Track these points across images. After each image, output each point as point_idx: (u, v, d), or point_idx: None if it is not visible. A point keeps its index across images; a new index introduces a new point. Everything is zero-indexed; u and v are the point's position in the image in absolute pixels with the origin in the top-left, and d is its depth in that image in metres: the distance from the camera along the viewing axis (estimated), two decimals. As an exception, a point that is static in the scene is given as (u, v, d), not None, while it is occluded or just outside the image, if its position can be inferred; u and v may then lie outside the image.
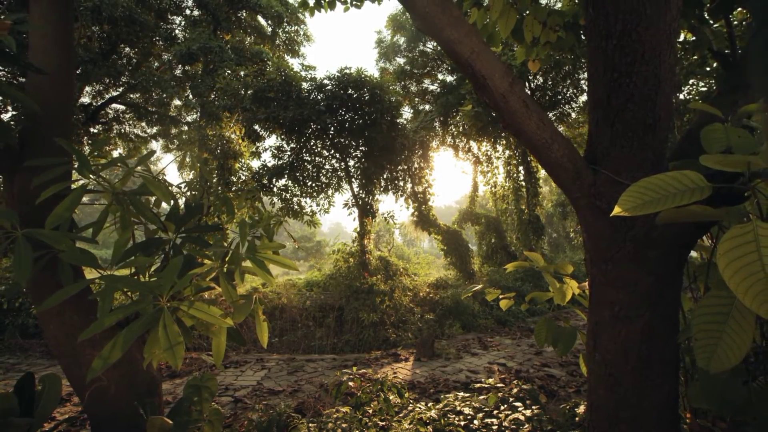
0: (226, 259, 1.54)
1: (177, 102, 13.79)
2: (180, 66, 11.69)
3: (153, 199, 1.85)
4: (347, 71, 9.52)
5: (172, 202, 1.60)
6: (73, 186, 1.50)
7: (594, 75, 1.55)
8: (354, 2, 4.89)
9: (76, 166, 1.42)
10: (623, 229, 1.64)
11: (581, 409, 2.32)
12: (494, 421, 2.13)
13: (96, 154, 1.37)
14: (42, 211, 1.51)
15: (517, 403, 2.28)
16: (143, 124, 14.84)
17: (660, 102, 1.46)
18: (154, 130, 15.19)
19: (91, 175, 1.24)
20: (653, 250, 1.62)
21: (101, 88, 12.42)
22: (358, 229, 10.27)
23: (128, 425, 1.56)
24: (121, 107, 14.01)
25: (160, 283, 1.02)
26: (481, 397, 2.52)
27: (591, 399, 1.85)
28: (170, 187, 1.89)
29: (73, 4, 1.76)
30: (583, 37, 3.09)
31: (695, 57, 3.73)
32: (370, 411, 2.21)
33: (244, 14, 12.85)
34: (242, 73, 10.28)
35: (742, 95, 1.82)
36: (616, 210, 1.21)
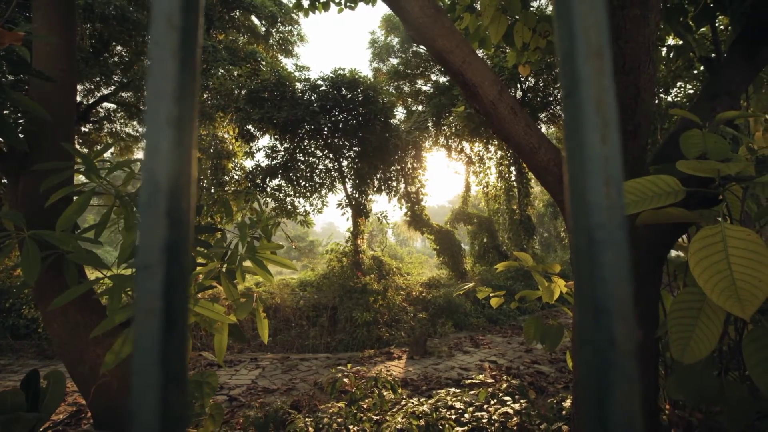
0: (225, 259, 1.59)
1: (169, 101, 13.69)
2: (172, 65, 11.60)
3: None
4: (341, 72, 9.57)
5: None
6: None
7: (578, 84, 1.63)
8: (348, 3, 4.94)
9: (77, 168, 1.47)
10: (606, 230, 1.72)
11: (568, 403, 2.41)
12: (484, 414, 2.21)
13: (101, 159, 1.41)
14: (45, 213, 1.56)
15: (507, 398, 2.36)
16: (135, 122, 14.74)
17: (640, 110, 1.54)
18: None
19: (97, 179, 1.29)
20: (634, 249, 1.70)
21: (92, 86, 12.32)
22: (352, 229, 10.32)
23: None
24: (113, 106, 13.90)
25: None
26: (472, 393, 2.60)
27: (576, 392, 1.94)
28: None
29: (75, 10, 1.79)
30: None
31: (679, 62, 3.85)
32: (365, 406, 2.29)
33: (238, 14, 12.83)
34: (236, 73, 10.28)
35: (719, 102, 1.91)
36: (597, 213, 1.28)
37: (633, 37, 1.42)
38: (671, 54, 3.72)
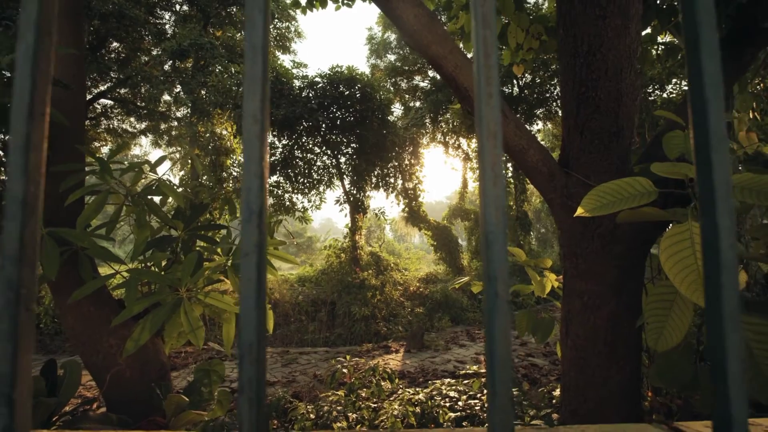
0: (230, 254, 1.68)
1: (166, 97, 13.72)
2: (170, 61, 11.65)
3: (158, 198, 1.98)
4: (338, 69, 9.62)
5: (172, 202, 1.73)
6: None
7: (565, 88, 1.71)
8: (345, 1, 5.00)
9: (91, 169, 1.55)
10: (592, 226, 1.81)
11: (558, 392, 2.52)
12: (477, 402, 2.32)
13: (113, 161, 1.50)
14: (58, 211, 1.64)
15: (499, 387, 2.45)
16: (132, 119, 14.73)
17: (622, 113, 1.63)
18: (143, 125, 15.09)
19: (111, 180, 1.37)
20: (618, 245, 1.80)
21: (89, 83, 12.32)
22: (350, 225, 10.42)
23: (141, 407, 1.70)
24: (109, 102, 13.89)
25: (179, 276, 1.16)
26: (466, 382, 2.71)
27: (564, 381, 2.04)
28: (177, 189, 2.01)
29: (83, 16, 1.86)
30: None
31: (669, 61, 3.95)
32: (363, 395, 2.39)
33: (235, 10, 12.81)
34: (233, 69, 10.30)
35: (703, 103, 2.00)
36: (579, 211, 1.37)
37: (614, 46, 1.51)
38: (659, 52, 3.81)
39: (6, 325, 0.22)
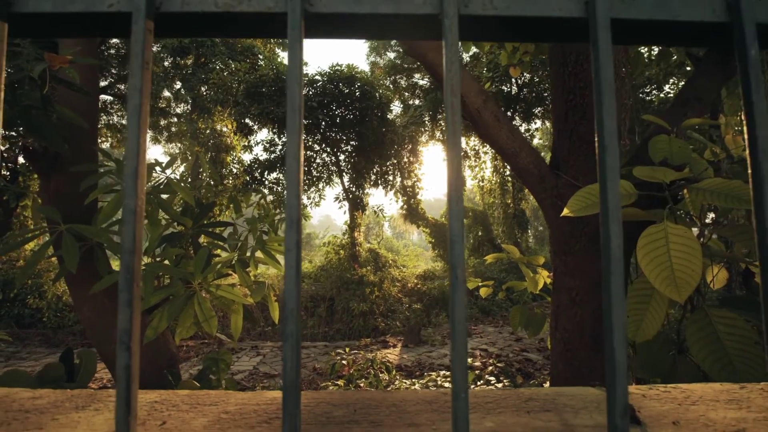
0: (237, 249, 1.78)
1: (167, 93, 13.75)
2: (170, 58, 11.67)
3: (165, 196, 2.07)
4: (338, 67, 9.68)
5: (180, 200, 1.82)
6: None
7: (555, 95, 1.81)
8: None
9: (102, 170, 1.64)
10: (580, 225, 1.91)
11: (547, 384, 2.63)
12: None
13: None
14: (75, 208, 1.73)
15: (491, 378, 2.58)
16: (132, 115, 14.74)
17: (608, 119, 1.72)
18: (143, 121, 15.10)
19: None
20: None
21: (89, 78, 12.32)
22: (349, 222, 10.51)
23: (152, 394, 1.80)
24: (109, 98, 13.91)
25: (191, 270, 1.26)
26: (460, 374, 2.81)
27: (552, 373, 2.14)
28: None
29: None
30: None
31: (661, 65, 4.04)
32: (362, 385, 2.49)
33: (235, 6, 12.80)
34: (234, 67, 10.35)
35: (690, 108, 2.09)
36: (565, 211, 1.47)
37: (601, 56, 1.60)
38: (652, 57, 3.90)
39: (126, 296, 0.32)
